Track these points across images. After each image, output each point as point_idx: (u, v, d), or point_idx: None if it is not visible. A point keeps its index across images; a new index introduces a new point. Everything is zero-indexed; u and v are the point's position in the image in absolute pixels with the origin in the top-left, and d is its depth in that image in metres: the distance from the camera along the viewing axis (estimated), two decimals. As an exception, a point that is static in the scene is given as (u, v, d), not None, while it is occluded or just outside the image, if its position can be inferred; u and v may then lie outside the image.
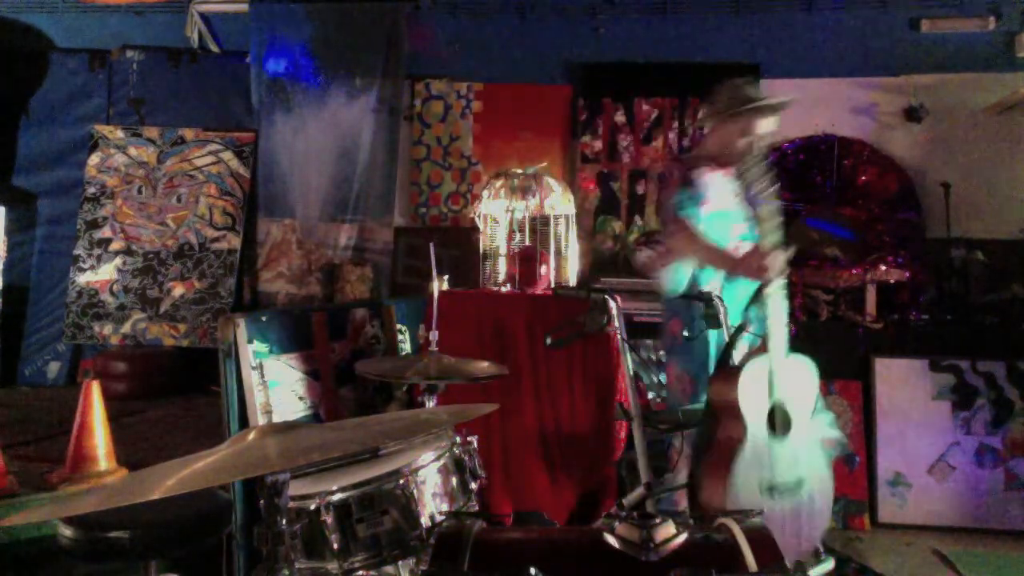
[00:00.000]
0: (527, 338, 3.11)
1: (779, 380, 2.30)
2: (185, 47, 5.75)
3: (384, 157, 5.48)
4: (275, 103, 5.56)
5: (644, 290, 4.00)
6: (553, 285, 3.46)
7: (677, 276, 2.75)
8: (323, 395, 3.00)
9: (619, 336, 2.32)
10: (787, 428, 2.32)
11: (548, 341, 2.60)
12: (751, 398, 2.30)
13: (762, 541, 1.30)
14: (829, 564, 1.21)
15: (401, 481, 1.34)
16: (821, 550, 2.25)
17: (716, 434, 2.38)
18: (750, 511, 1.40)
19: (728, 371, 2.42)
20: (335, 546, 1.29)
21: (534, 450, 3.10)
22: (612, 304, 2.28)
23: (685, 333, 2.61)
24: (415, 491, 1.35)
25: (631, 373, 2.37)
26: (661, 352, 3.90)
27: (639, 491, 2.30)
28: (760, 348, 2.41)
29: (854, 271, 4.22)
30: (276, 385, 2.77)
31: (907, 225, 4.84)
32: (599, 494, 3.34)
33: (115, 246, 5.46)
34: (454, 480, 1.45)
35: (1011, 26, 4.96)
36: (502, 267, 3.74)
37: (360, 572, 1.31)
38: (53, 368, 5.52)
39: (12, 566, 2.32)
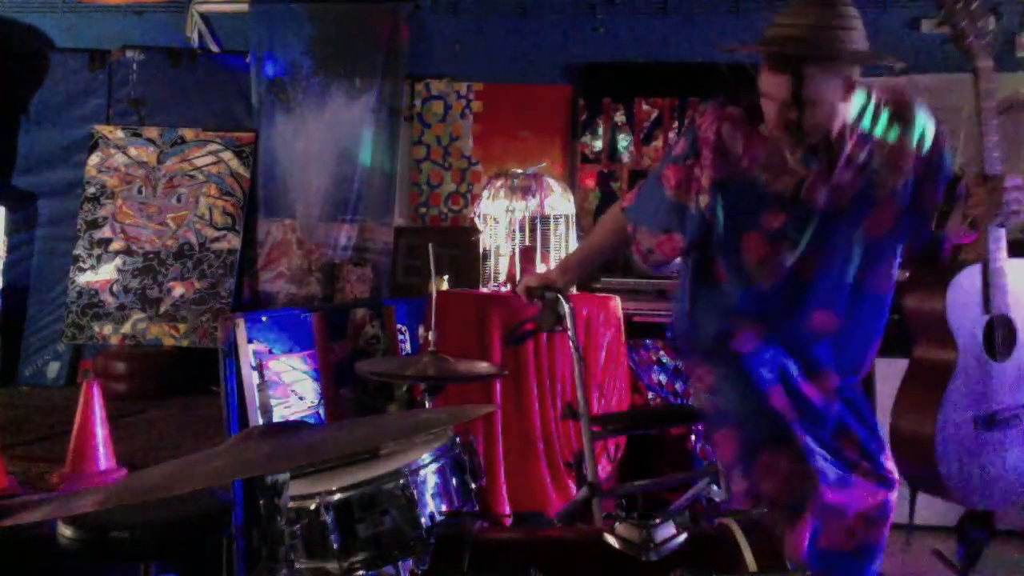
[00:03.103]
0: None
1: (998, 290, 1.94)
2: (185, 47, 5.75)
3: (384, 157, 5.48)
4: (275, 103, 5.56)
5: (644, 290, 4.01)
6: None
7: None
8: (323, 395, 3.00)
9: (569, 336, 2.28)
10: (1010, 347, 1.95)
11: (505, 340, 2.55)
12: (962, 311, 1.96)
13: (762, 541, 1.30)
14: None
15: (401, 481, 1.34)
16: None
17: (913, 352, 2.07)
18: (750, 510, 1.40)
19: (931, 277, 2.09)
20: (335, 546, 1.28)
21: (534, 450, 3.10)
22: (564, 304, 2.25)
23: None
24: (415, 491, 1.34)
25: (581, 372, 2.33)
26: (661, 352, 3.90)
27: (583, 492, 2.26)
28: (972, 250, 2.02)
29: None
30: (276, 385, 2.77)
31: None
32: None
33: (115, 246, 5.46)
34: (454, 480, 1.44)
35: (1011, 26, 4.95)
36: (502, 267, 3.74)
37: (360, 572, 1.31)
38: (53, 368, 5.52)
39: (12, 566, 2.32)
